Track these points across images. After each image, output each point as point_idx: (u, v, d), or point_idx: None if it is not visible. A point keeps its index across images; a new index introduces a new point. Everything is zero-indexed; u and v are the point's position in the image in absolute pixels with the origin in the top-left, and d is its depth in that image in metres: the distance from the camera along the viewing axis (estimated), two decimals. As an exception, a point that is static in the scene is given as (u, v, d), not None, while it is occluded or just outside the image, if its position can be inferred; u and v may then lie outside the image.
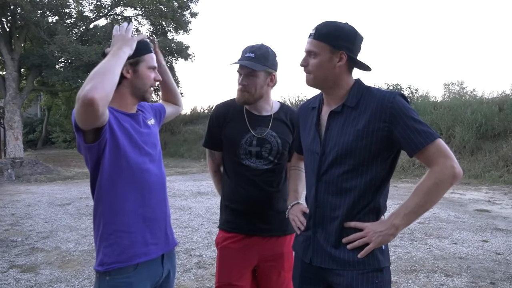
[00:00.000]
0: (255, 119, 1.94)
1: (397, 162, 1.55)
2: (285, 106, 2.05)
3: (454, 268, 4.00)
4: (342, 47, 1.46)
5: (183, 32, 17.45)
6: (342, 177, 1.47)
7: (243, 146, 1.90)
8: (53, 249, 4.72)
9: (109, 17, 16.90)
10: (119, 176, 1.55)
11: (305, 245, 1.56)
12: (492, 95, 13.05)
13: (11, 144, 13.68)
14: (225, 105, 2.02)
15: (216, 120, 1.99)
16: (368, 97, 1.48)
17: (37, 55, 14.18)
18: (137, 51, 1.64)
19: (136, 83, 1.63)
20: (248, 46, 1.89)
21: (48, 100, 22.25)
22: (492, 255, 4.39)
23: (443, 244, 4.82)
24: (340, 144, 1.47)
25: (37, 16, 13.75)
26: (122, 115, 1.61)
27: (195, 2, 17.35)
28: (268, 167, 1.91)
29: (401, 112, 1.40)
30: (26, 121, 22.81)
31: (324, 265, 1.50)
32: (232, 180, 1.96)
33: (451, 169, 1.38)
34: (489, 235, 5.20)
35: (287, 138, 1.97)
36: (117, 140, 1.53)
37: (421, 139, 1.38)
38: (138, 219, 1.58)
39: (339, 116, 1.50)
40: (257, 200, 1.90)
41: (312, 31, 1.50)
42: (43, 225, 5.91)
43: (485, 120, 11.31)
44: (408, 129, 1.39)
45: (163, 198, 1.70)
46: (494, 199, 7.74)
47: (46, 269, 4.07)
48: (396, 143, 1.43)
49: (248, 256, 1.92)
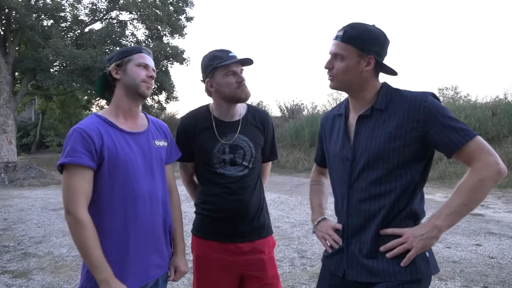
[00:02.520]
0: (223, 126, 1.90)
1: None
2: (251, 108, 2.01)
3: (447, 272, 4.01)
4: (371, 51, 1.41)
5: (179, 36, 17.44)
6: (375, 182, 1.41)
7: (216, 155, 1.87)
8: (46, 254, 4.68)
9: (104, 21, 16.88)
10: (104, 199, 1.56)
11: (338, 258, 1.49)
12: (485, 99, 13.17)
13: (4, 148, 13.57)
14: (192, 116, 1.97)
15: (184, 133, 1.93)
16: (398, 99, 1.42)
17: (32, 59, 14.11)
18: (124, 52, 1.66)
19: (126, 80, 1.63)
20: (225, 48, 1.87)
21: (43, 104, 22.12)
22: (485, 259, 4.41)
23: (437, 248, 4.84)
24: (371, 148, 1.41)
25: (32, 20, 13.70)
26: (119, 134, 1.59)
27: (190, 6, 17.38)
28: (244, 173, 1.88)
29: (435, 111, 1.35)
30: (20, 125, 22.65)
31: (361, 279, 1.41)
32: (207, 188, 1.92)
33: (495, 166, 1.31)
34: (483, 239, 5.22)
35: (259, 141, 1.94)
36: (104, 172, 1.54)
37: (459, 137, 1.32)
38: (117, 247, 1.55)
39: (368, 120, 1.45)
40: (234, 207, 1.86)
41: (340, 33, 1.43)
42: (36, 230, 5.87)
43: (479, 124, 11.39)
44: (445, 128, 1.33)
45: (151, 225, 1.63)
46: (488, 203, 7.78)
47: (38, 274, 4.03)
48: (432, 144, 1.37)
49: (227, 267, 1.88)
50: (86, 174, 1.51)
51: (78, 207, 1.48)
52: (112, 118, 1.63)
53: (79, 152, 1.49)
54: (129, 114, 1.66)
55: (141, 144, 1.64)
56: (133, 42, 17.34)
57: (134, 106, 1.67)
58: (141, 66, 1.65)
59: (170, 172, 1.81)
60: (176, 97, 18.27)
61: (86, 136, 1.50)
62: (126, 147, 1.58)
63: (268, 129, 2.00)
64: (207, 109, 1.96)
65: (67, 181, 1.51)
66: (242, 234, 1.88)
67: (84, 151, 1.49)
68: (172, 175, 1.84)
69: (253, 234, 1.90)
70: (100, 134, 1.54)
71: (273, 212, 7.08)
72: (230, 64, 1.81)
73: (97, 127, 1.55)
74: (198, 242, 1.95)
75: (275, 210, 7.29)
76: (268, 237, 1.96)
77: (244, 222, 1.88)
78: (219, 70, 1.83)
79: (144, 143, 1.66)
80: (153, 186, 1.64)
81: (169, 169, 1.81)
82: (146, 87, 1.65)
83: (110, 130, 1.58)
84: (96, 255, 1.48)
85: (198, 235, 1.95)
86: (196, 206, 2.00)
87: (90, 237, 1.48)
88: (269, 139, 2.02)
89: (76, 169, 1.49)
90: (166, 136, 1.78)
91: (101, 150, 1.52)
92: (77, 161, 1.48)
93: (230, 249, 1.88)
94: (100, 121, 1.59)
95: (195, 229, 1.98)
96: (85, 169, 1.50)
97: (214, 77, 1.85)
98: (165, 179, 1.73)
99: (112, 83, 1.67)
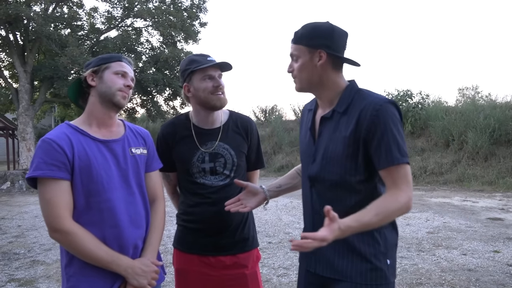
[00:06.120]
0: (203, 133, 1.83)
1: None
2: (234, 114, 1.93)
3: (462, 281, 3.83)
4: (318, 46, 1.42)
5: (193, 42, 17.58)
6: (331, 187, 1.42)
7: (196, 164, 1.79)
8: (54, 262, 4.70)
9: (119, 28, 17.14)
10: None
11: (309, 255, 1.51)
12: (506, 99, 12.73)
13: (23, 155, 13.89)
14: (171, 123, 1.90)
15: (164, 142, 1.86)
16: (358, 101, 1.40)
17: (49, 67, 14.42)
18: (103, 59, 1.60)
19: (101, 88, 1.57)
20: (204, 53, 1.82)
21: (62, 111, 22.60)
22: (503, 267, 4.20)
23: (452, 255, 4.65)
24: (328, 152, 1.43)
25: (50, 29, 14.02)
26: (92, 143, 1.53)
27: (204, 12, 17.49)
28: (225, 183, 1.80)
29: (385, 120, 1.32)
30: (40, 132, 23.10)
31: (325, 274, 1.45)
32: (188, 199, 1.86)
33: (410, 202, 1.33)
34: (501, 245, 5.00)
35: (241, 148, 1.86)
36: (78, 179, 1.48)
37: (398, 155, 1.31)
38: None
39: (329, 122, 1.46)
40: (214, 218, 1.79)
41: (292, 37, 1.49)
42: (47, 237, 5.91)
43: (499, 125, 11.02)
44: (389, 139, 1.31)
45: (130, 236, 1.54)
46: (508, 207, 7.49)
47: (44, 282, 4.04)
48: (369, 149, 1.35)
49: (208, 282, 1.81)
50: (62, 185, 1.44)
51: (62, 220, 1.42)
52: (84, 126, 1.56)
53: (50, 165, 1.42)
54: (102, 123, 1.59)
55: (116, 152, 1.57)
56: (148, 49, 17.55)
57: (108, 117, 1.60)
58: (119, 74, 1.59)
59: (156, 180, 1.72)
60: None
61: (57, 147, 1.44)
62: (99, 156, 1.52)
63: (252, 136, 1.92)
64: (187, 117, 1.90)
65: (44, 196, 1.44)
66: (224, 247, 1.81)
67: (56, 163, 1.43)
68: (159, 181, 1.76)
69: (235, 247, 1.82)
70: (70, 143, 1.47)
71: (284, 217, 6.98)
72: (207, 67, 1.75)
73: (67, 137, 1.48)
74: (178, 255, 1.88)
75: (287, 215, 7.18)
76: (252, 251, 1.88)
77: (225, 234, 1.81)
78: (196, 74, 1.77)
79: (119, 151, 1.58)
80: (129, 195, 1.57)
81: (155, 176, 1.72)
82: (122, 97, 1.58)
83: (82, 138, 1.52)
84: (103, 254, 1.45)
85: (179, 248, 1.89)
86: (177, 217, 1.93)
87: (87, 241, 1.43)
88: (254, 146, 1.93)
89: (51, 182, 1.43)
90: (146, 144, 1.71)
91: (73, 160, 1.46)
92: (48, 174, 1.42)
93: (211, 262, 1.80)
94: (71, 130, 1.53)
95: (176, 242, 1.92)
96: (61, 181, 1.44)
97: (191, 81, 1.79)
98: (144, 188, 1.65)
99: (86, 90, 1.61)
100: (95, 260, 1.45)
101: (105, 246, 1.47)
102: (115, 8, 16.34)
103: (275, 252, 4.89)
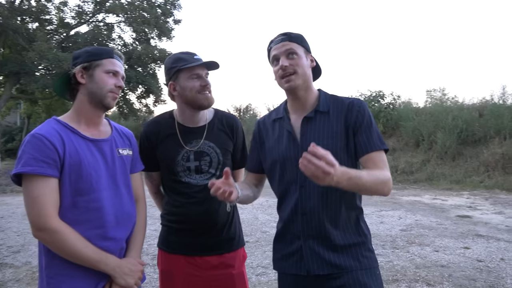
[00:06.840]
0: (188, 132, 1.79)
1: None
2: (219, 113, 1.90)
3: (435, 277, 3.94)
4: (309, 51, 1.56)
5: (166, 39, 17.34)
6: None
7: (180, 163, 1.76)
8: (23, 265, 4.50)
9: (90, 23, 16.68)
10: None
11: (297, 258, 1.50)
12: (472, 101, 13.23)
13: (-13, 154, 13.30)
14: (155, 122, 1.86)
15: (147, 140, 1.82)
16: (337, 103, 1.54)
17: (16, 62, 13.88)
18: (93, 55, 1.53)
19: (91, 87, 1.51)
20: (190, 51, 1.78)
21: (28, 108, 21.77)
22: (473, 263, 4.36)
23: (425, 252, 4.78)
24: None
25: (16, 23, 13.47)
26: (82, 141, 1.48)
27: (178, 9, 17.29)
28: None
29: (368, 116, 1.49)
30: (5, 129, 22.27)
31: (323, 272, 1.46)
32: (173, 199, 1.81)
33: (390, 182, 1.43)
34: (471, 242, 5.18)
35: (227, 147, 1.83)
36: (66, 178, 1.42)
37: (378, 142, 1.46)
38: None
39: (312, 121, 1.52)
40: (200, 218, 1.75)
41: (282, 36, 1.52)
42: (15, 238, 5.68)
43: (466, 126, 11.45)
44: (370, 130, 1.47)
45: (117, 237, 1.50)
46: (475, 205, 7.78)
47: (14, 286, 3.86)
48: (355, 141, 1.47)
49: (194, 283, 1.77)
50: (50, 183, 1.38)
51: (49, 219, 1.36)
52: (73, 124, 1.50)
53: (40, 161, 1.36)
54: (91, 122, 1.54)
55: (104, 151, 1.53)
56: (120, 45, 17.16)
57: (97, 116, 1.55)
58: (110, 73, 1.53)
59: (138, 180, 1.70)
60: (164, 100, 18.13)
61: (48, 143, 1.38)
62: (89, 155, 1.47)
63: (237, 134, 1.89)
64: (171, 115, 1.85)
65: (31, 193, 1.37)
66: (210, 247, 1.78)
67: (46, 160, 1.36)
68: (141, 182, 1.73)
69: (221, 247, 1.80)
70: (62, 140, 1.41)
71: (260, 216, 6.99)
72: (194, 66, 1.72)
73: (57, 133, 1.43)
74: (163, 256, 1.84)
75: (263, 214, 7.19)
76: (239, 250, 1.86)
77: (211, 233, 1.78)
78: (183, 73, 1.73)
79: (107, 151, 1.54)
80: (116, 196, 1.53)
81: (137, 177, 1.70)
82: (112, 98, 1.53)
83: (72, 136, 1.46)
84: (91, 253, 1.40)
85: (164, 249, 1.84)
86: (162, 217, 1.89)
87: (75, 239, 1.38)
88: (239, 144, 1.91)
89: (38, 179, 1.36)
90: (130, 144, 1.67)
91: (64, 158, 1.40)
92: (38, 171, 1.35)
93: (197, 263, 1.77)
94: (61, 126, 1.47)
95: (161, 242, 1.87)
96: (50, 178, 1.38)
97: (177, 80, 1.75)
98: (131, 188, 1.61)
99: (75, 86, 1.54)
100: (82, 259, 1.40)
101: (92, 245, 1.42)
102: (86, 3, 15.91)
103: (253, 251, 4.88)
